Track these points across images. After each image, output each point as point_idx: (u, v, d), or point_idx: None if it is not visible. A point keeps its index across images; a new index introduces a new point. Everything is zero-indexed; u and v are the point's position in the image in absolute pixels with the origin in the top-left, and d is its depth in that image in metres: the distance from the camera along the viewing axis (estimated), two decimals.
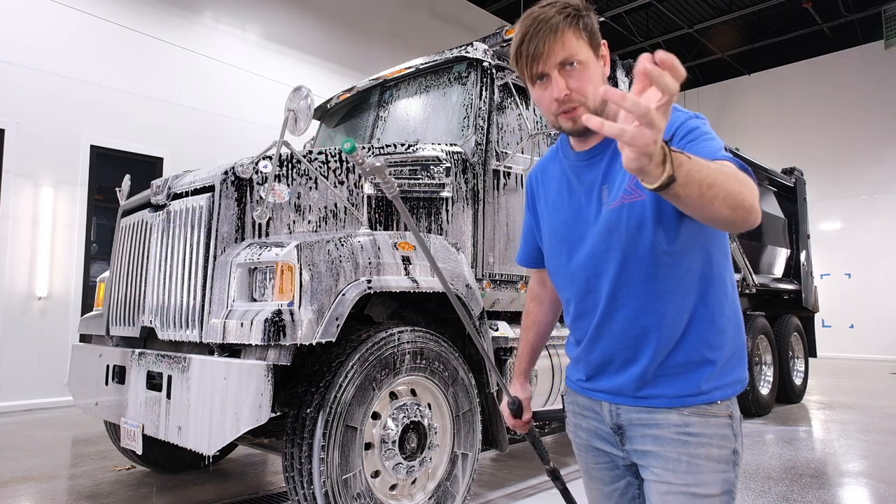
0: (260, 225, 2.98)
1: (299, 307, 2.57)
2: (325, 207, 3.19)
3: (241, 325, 2.58)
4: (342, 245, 2.79)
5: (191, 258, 2.95)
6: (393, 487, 2.93)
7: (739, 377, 1.31)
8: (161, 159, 7.98)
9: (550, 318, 1.67)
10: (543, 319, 1.67)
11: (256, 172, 2.98)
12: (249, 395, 2.45)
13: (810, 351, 8.37)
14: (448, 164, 3.63)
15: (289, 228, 3.06)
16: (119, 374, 3.21)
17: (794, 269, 8.24)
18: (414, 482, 3.00)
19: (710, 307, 1.27)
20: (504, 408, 1.62)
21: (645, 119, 0.82)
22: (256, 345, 2.54)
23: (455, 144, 3.76)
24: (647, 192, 1.21)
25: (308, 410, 2.60)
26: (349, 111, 4.78)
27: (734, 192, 0.99)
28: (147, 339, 3.30)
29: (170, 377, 2.79)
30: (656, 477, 1.27)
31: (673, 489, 1.24)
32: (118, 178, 4.14)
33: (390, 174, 1.06)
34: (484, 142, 3.81)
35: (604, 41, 1.31)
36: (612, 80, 4.52)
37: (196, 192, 3.05)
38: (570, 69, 1.24)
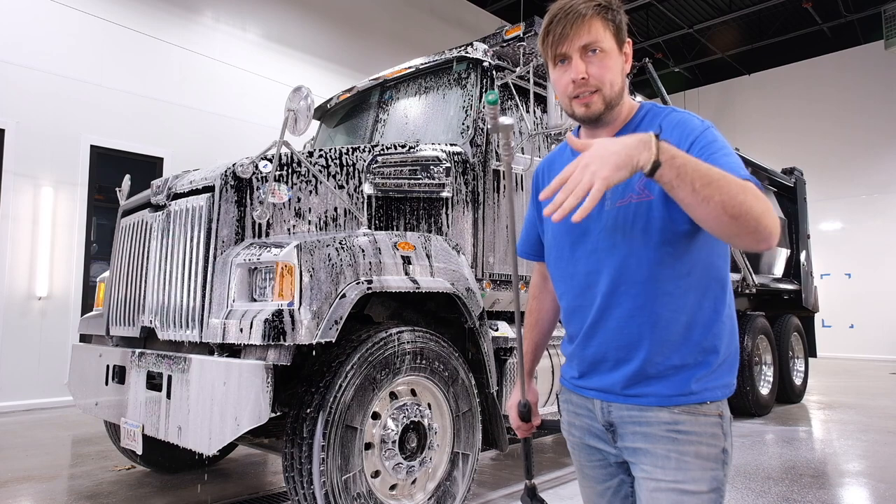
0: (260, 225, 2.97)
1: (299, 307, 2.57)
2: (326, 212, 3.19)
3: (241, 325, 2.58)
4: (342, 245, 2.79)
5: (191, 258, 2.95)
6: (393, 487, 2.93)
7: (729, 382, 1.32)
8: (161, 159, 7.98)
9: (553, 316, 1.66)
10: (546, 317, 1.67)
11: (256, 173, 2.98)
12: (250, 396, 2.45)
13: (810, 351, 8.38)
14: (448, 165, 3.63)
15: (289, 230, 3.06)
16: (119, 374, 3.21)
17: (794, 269, 8.25)
18: (414, 482, 2.99)
19: (707, 311, 1.28)
20: (513, 409, 1.58)
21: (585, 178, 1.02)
22: (256, 345, 2.54)
23: (455, 145, 3.76)
24: (656, 193, 1.22)
25: (308, 410, 2.60)
26: (349, 111, 4.78)
27: (737, 200, 1.02)
28: (147, 339, 3.30)
29: (170, 377, 2.78)
30: (646, 474, 1.28)
31: (662, 486, 1.25)
32: (118, 178, 4.14)
33: (512, 144, 1.22)
34: (484, 142, 3.81)
35: (629, 40, 1.33)
36: None
37: (196, 192, 3.05)
38: (592, 56, 1.27)
